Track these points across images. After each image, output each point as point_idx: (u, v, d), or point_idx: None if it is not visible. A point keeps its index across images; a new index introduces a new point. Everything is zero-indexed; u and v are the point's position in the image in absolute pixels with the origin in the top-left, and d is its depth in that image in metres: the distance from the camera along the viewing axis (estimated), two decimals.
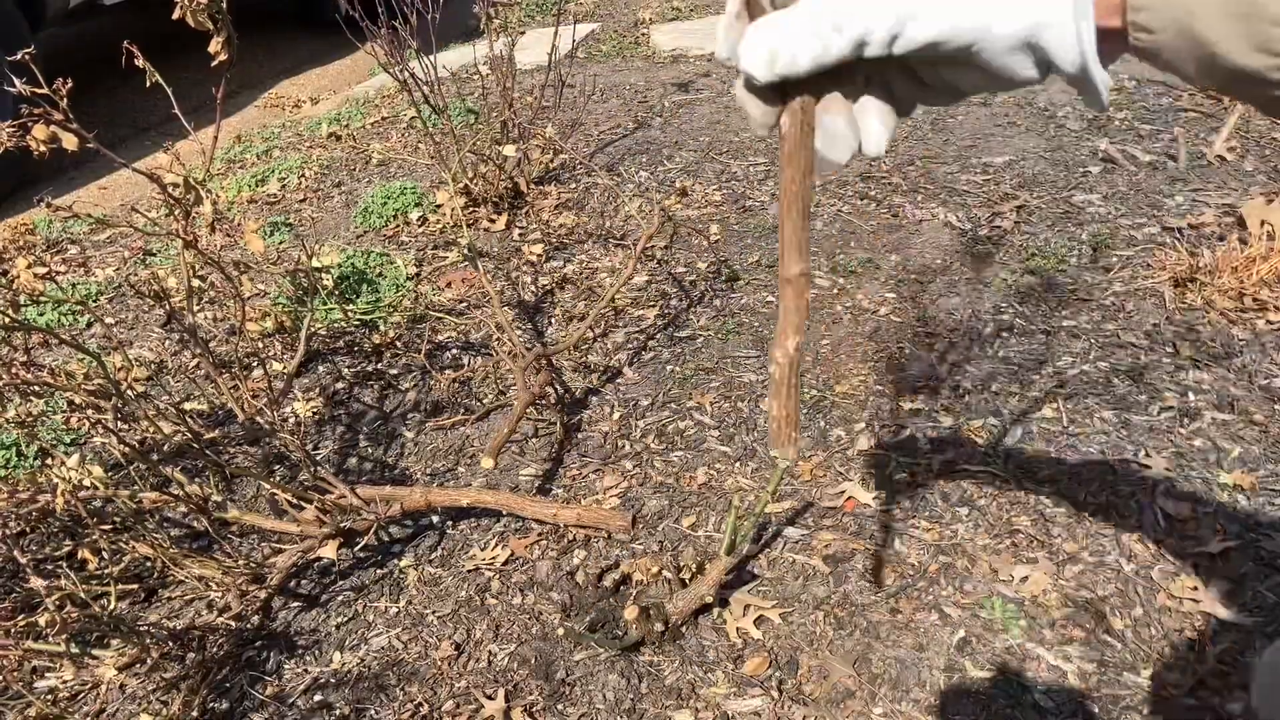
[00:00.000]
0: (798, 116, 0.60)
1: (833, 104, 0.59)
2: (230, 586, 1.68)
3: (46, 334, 1.52)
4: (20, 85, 1.36)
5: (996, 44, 0.54)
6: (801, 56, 0.55)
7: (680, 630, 1.63)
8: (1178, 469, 1.85)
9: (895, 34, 0.53)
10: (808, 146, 0.60)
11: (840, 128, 0.59)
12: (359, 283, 2.74)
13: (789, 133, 0.60)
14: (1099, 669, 1.51)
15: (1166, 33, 0.51)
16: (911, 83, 0.60)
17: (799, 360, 0.72)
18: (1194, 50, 0.51)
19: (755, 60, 0.56)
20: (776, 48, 0.55)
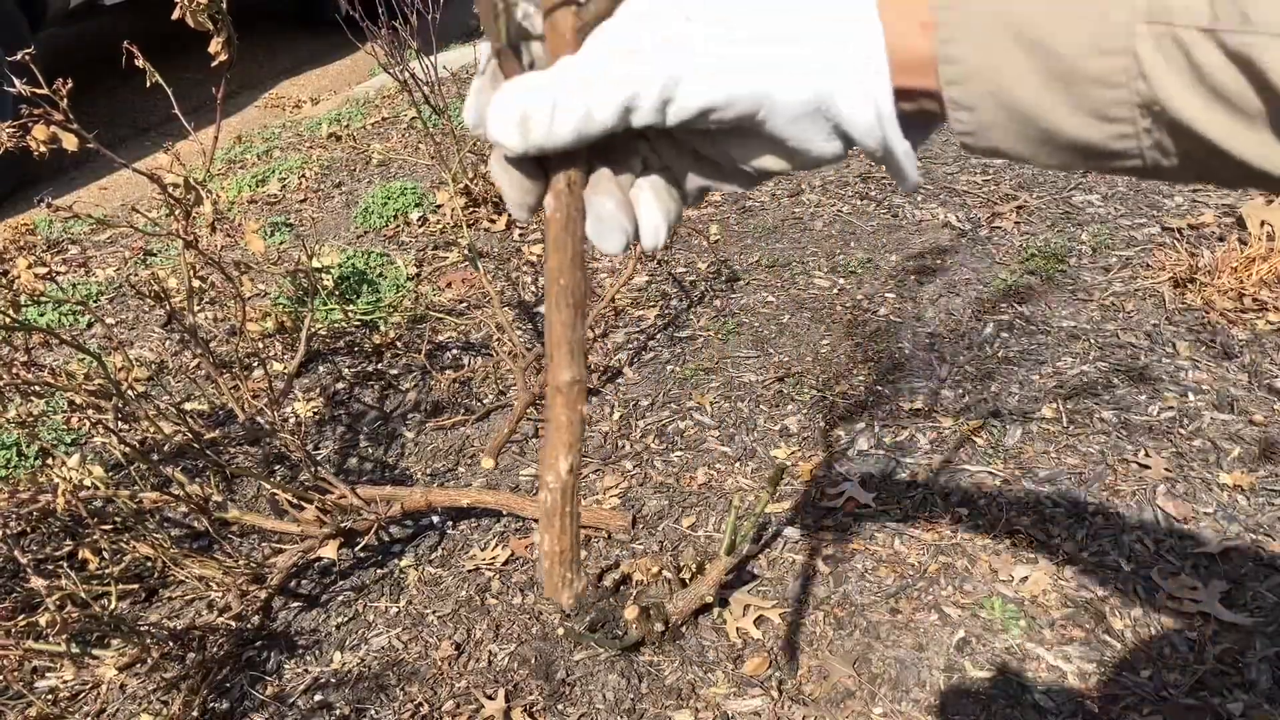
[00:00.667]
0: (564, 198, 0.50)
1: (602, 183, 0.51)
2: (231, 586, 1.68)
3: (47, 334, 1.52)
4: (20, 85, 1.36)
5: (783, 112, 0.47)
6: (561, 124, 0.46)
7: (680, 630, 1.63)
8: (1177, 469, 1.85)
9: (666, 99, 0.46)
10: (576, 232, 0.51)
11: (610, 211, 0.50)
12: (359, 283, 2.74)
13: (554, 216, 0.51)
14: (1099, 669, 1.51)
15: (986, 109, 0.45)
16: (697, 162, 0.53)
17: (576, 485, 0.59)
18: (1023, 126, 0.45)
19: (506, 127, 0.47)
20: (532, 113, 0.46)
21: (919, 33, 0.45)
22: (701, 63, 0.45)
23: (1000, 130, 0.45)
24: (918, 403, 2.12)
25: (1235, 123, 0.40)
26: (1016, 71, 0.43)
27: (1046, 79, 0.42)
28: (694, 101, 0.46)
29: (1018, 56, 0.43)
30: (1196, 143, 0.42)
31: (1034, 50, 0.42)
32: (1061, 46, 0.41)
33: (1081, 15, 0.41)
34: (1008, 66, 0.43)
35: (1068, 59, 0.42)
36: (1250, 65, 0.38)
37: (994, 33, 0.43)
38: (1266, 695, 1.45)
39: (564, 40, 0.47)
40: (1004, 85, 0.43)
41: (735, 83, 0.46)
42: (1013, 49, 0.43)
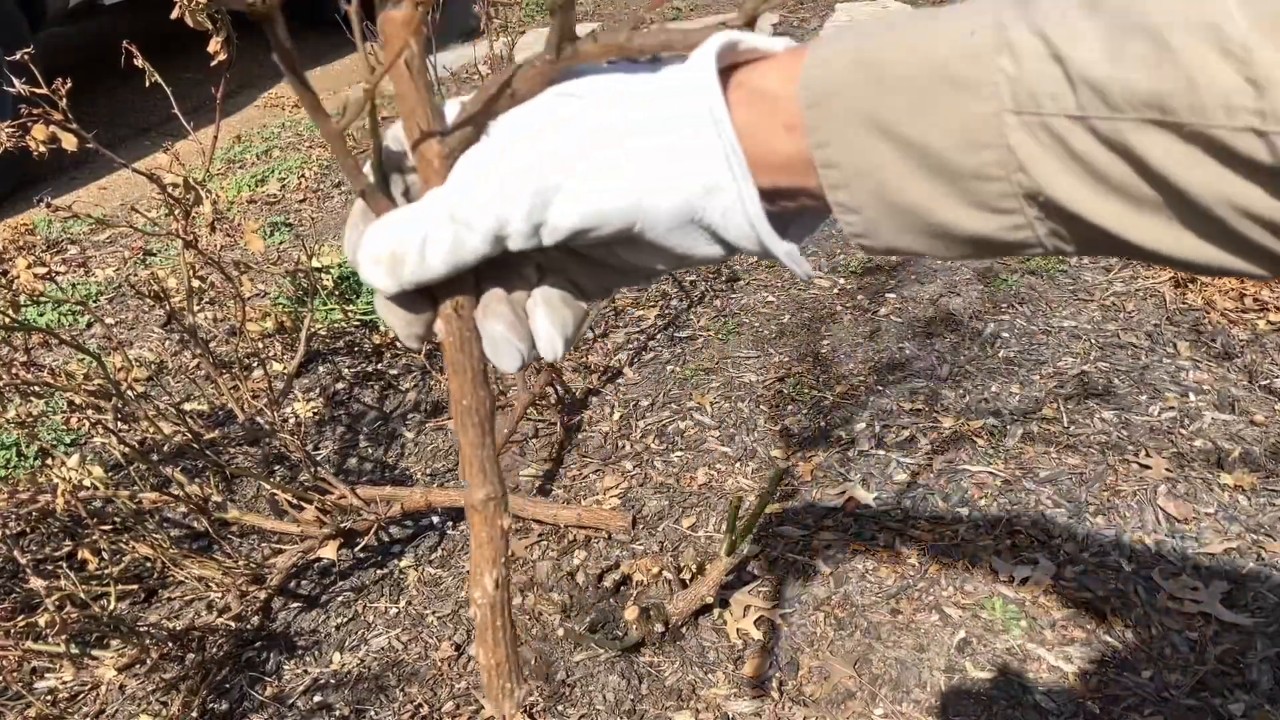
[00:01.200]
0: (453, 323, 0.49)
1: (492, 305, 0.49)
2: (230, 587, 1.68)
3: (47, 334, 1.52)
4: (20, 85, 1.35)
5: (658, 225, 0.45)
6: (432, 257, 0.45)
7: (680, 631, 1.63)
8: (1178, 469, 1.85)
9: (537, 223, 0.45)
10: (473, 354, 0.50)
11: (500, 334, 0.49)
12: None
13: (447, 341, 0.50)
14: (1100, 669, 1.51)
15: (873, 209, 0.43)
16: (591, 268, 0.51)
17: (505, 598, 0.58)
18: (914, 224, 0.43)
19: (375, 268, 0.46)
20: (400, 250, 0.45)
21: (785, 135, 0.43)
22: (568, 185, 0.44)
23: (893, 229, 0.44)
24: (918, 403, 2.12)
25: (1127, 208, 0.38)
26: (896, 170, 0.41)
27: (927, 175, 0.41)
28: (566, 222, 0.45)
29: (893, 155, 0.41)
30: (1092, 229, 0.40)
31: (908, 148, 0.41)
32: (933, 143, 0.40)
33: (946, 109, 0.39)
34: (887, 167, 0.41)
35: (942, 155, 0.40)
36: (1128, 151, 0.36)
37: (865, 132, 0.41)
38: (1268, 696, 1.44)
39: (433, 169, 0.47)
40: (887, 184, 0.42)
41: (605, 198, 0.44)
42: (889, 148, 0.41)
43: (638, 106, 0.45)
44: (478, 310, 0.49)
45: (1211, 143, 0.34)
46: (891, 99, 0.40)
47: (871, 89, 0.41)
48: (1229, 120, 0.33)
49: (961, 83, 0.38)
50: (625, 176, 0.44)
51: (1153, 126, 0.35)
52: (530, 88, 0.47)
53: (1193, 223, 0.37)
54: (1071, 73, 0.36)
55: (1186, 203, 0.37)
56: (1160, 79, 0.34)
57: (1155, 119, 0.35)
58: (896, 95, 0.40)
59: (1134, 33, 0.35)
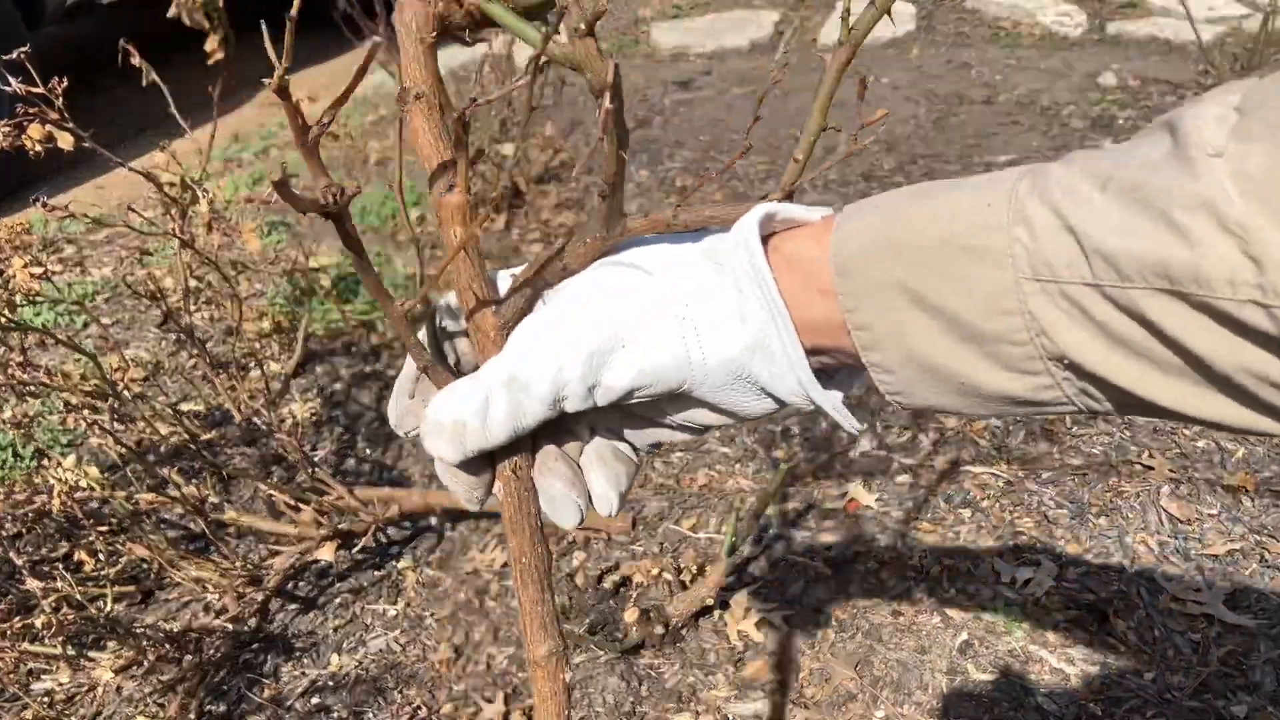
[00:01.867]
0: (511, 484, 0.52)
1: (548, 462, 0.52)
2: (227, 588, 1.67)
3: (43, 334, 1.51)
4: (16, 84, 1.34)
5: (707, 380, 0.48)
6: (494, 425, 0.48)
7: (680, 633, 1.62)
8: (1181, 470, 1.84)
9: (592, 385, 0.47)
10: (530, 512, 0.53)
11: (559, 491, 0.51)
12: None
13: (506, 501, 0.52)
14: (1102, 671, 1.50)
15: (906, 371, 0.45)
16: (642, 423, 0.54)
17: None
18: (946, 384, 0.44)
19: (440, 441, 0.48)
20: (463, 419, 0.48)
21: (820, 299, 0.45)
22: (621, 349, 0.47)
23: (926, 388, 0.46)
24: None
25: (1150, 371, 0.39)
26: (926, 335, 0.43)
27: (955, 339, 0.42)
28: (620, 383, 0.47)
29: (922, 321, 0.43)
30: (1120, 391, 0.41)
31: (935, 314, 0.42)
32: (958, 310, 0.42)
33: (967, 277, 0.41)
34: (916, 331, 0.43)
35: (968, 321, 0.42)
36: (1143, 318, 0.38)
37: (894, 299, 0.43)
38: (1270, 697, 1.44)
39: (488, 339, 0.49)
40: (917, 348, 0.44)
41: (657, 357, 0.47)
42: (916, 314, 0.43)
43: (686, 275, 0.48)
44: (535, 469, 0.52)
45: (1218, 313, 0.36)
46: (915, 268, 0.42)
47: (895, 258, 0.43)
48: (1232, 293, 0.35)
49: (980, 253, 0.40)
50: (675, 339, 0.47)
51: (1164, 295, 0.37)
52: (581, 262, 0.50)
53: (1215, 386, 0.38)
54: (1084, 244, 0.38)
55: (1204, 367, 0.38)
56: (1166, 251, 0.36)
57: (1165, 288, 0.36)
58: (921, 263, 0.42)
59: (1140, 207, 0.37)
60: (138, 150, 4.10)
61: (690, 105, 3.94)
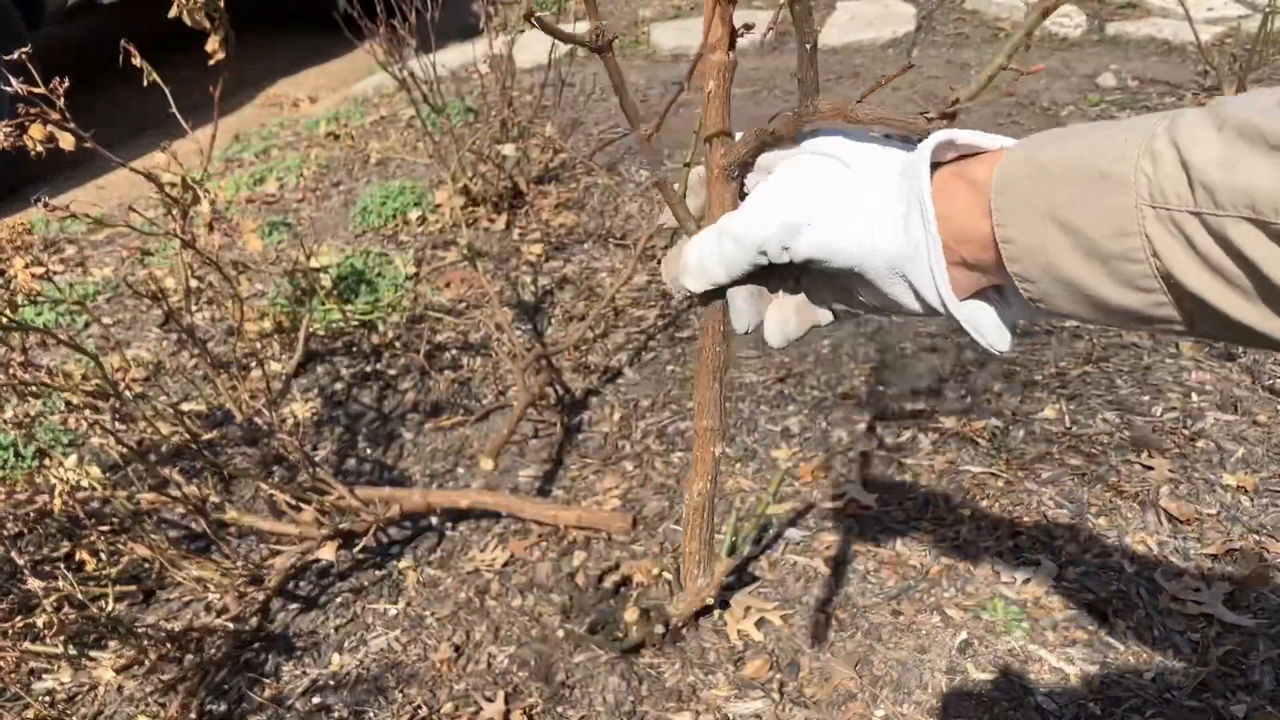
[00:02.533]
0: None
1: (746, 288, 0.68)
2: (228, 588, 1.67)
3: (44, 334, 1.51)
4: (17, 84, 1.35)
5: (875, 268, 0.59)
6: (716, 267, 0.66)
7: (681, 632, 1.62)
8: (1181, 470, 1.85)
9: (785, 245, 0.61)
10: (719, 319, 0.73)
11: (739, 303, 0.68)
12: (358, 283, 2.73)
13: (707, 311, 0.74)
14: (1101, 671, 1.50)
15: (1043, 281, 0.52)
16: (832, 292, 0.68)
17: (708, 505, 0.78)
18: (1076, 295, 0.51)
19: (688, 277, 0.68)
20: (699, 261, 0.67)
21: (982, 219, 0.53)
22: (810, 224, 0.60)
23: (1060, 298, 0.52)
24: (919, 403, 2.11)
25: (1236, 296, 0.44)
26: (1059, 249, 0.50)
27: (1084, 255, 0.49)
28: (804, 251, 0.61)
29: (1058, 236, 0.50)
30: (1214, 312, 0.46)
31: (1069, 231, 0.49)
32: (1088, 227, 0.48)
33: (1100, 198, 0.47)
34: (1052, 245, 0.50)
35: (1094, 238, 0.48)
36: (1229, 243, 0.43)
37: (1037, 216, 0.50)
38: (1270, 697, 1.44)
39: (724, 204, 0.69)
40: (1052, 261, 0.50)
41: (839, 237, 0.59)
42: (1054, 230, 0.50)
43: (869, 177, 0.59)
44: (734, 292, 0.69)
45: None
46: (1059, 188, 0.49)
47: (1045, 180, 0.50)
48: None
49: (1112, 179, 0.47)
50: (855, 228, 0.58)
51: (1246, 223, 0.42)
52: (787, 129, 0.64)
53: None
54: (1192, 175, 0.43)
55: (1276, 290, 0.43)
56: (1254, 180, 0.41)
57: (1249, 216, 0.42)
58: (1063, 186, 0.49)
59: (1244, 143, 0.42)
60: (138, 150, 4.10)
61: (690, 106, 3.94)
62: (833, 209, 0.59)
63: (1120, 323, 0.52)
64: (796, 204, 0.60)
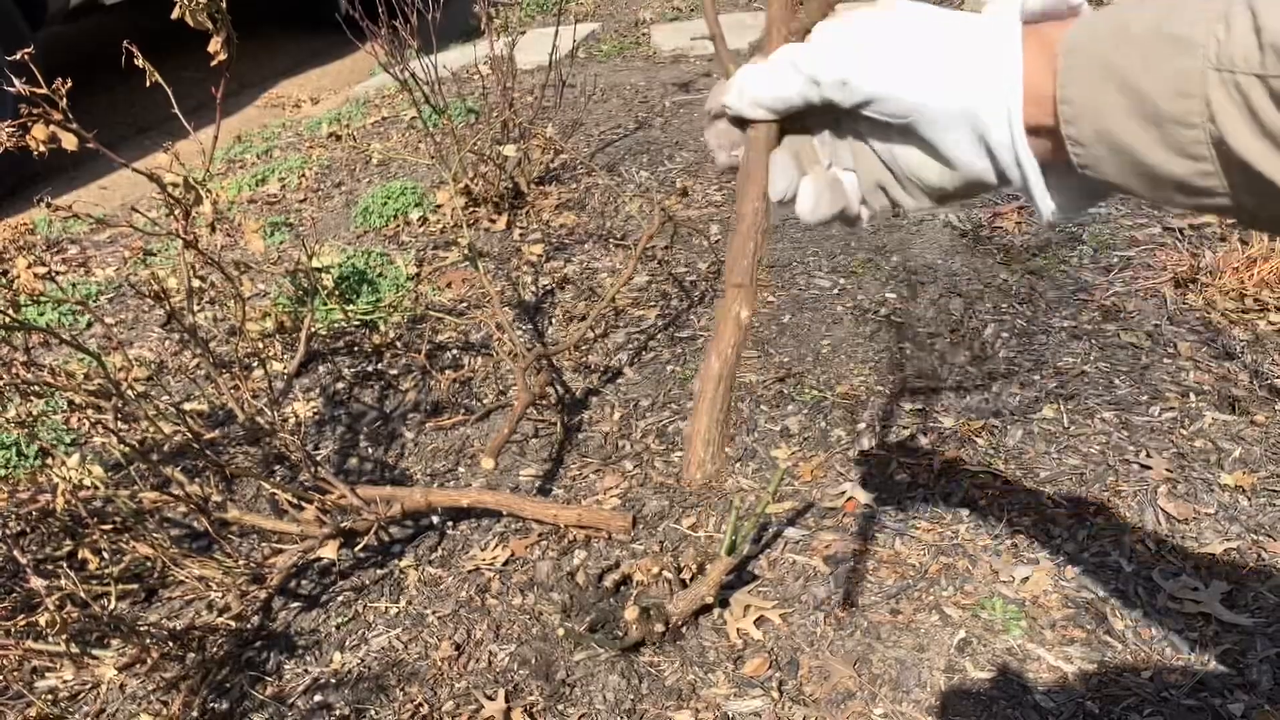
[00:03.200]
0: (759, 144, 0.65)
1: (790, 147, 0.65)
2: (230, 587, 1.68)
3: (47, 334, 1.52)
4: (20, 85, 1.35)
5: (937, 118, 0.56)
6: (762, 90, 0.61)
7: (681, 631, 1.63)
8: (1179, 469, 1.85)
9: (844, 80, 0.57)
10: (760, 173, 0.65)
11: (779, 166, 0.65)
12: (359, 283, 2.73)
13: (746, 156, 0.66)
14: (1100, 669, 1.51)
15: (1095, 144, 0.51)
16: (878, 162, 0.64)
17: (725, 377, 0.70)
18: (1125, 160, 0.51)
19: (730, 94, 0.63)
20: (744, 84, 0.62)
21: (1049, 76, 0.52)
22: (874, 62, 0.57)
23: (1108, 164, 0.52)
24: (918, 403, 2.12)
25: None
26: (1115, 111, 0.49)
27: (1139, 119, 0.49)
28: (865, 87, 0.57)
29: (1117, 98, 0.49)
30: (1260, 182, 0.46)
31: (1128, 92, 0.48)
32: (1149, 89, 0.48)
33: (1166, 60, 0.47)
34: (1109, 107, 0.49)
35: (1154, 100, 0.48)
36: None
37: (1099, 77, 0.50)
38: (1268, 696, 1.44)
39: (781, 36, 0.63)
40: (1106, 124, 0.50)
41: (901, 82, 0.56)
42: (1113, 92, 0.49)
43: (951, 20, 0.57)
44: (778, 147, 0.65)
45: None
46: (1126, 49, 0.49)
47: (1114, 41, 0.50)
48: None
49: (1182, 41, 0.46)
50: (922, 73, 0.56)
51: None
52: None
53: None
54: (1264, 40, 0.43)
55: None
56: None
57: None
58: (1131, 47, 0.48)
59: None
60: (141, 151, 4.11)
61: (690, 107, 3.95)
62: (907, 41, 0.57)
63: (1164, 195, 0.51)
64: (867, 32, 0.58)
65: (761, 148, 0.64)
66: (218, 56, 1.50)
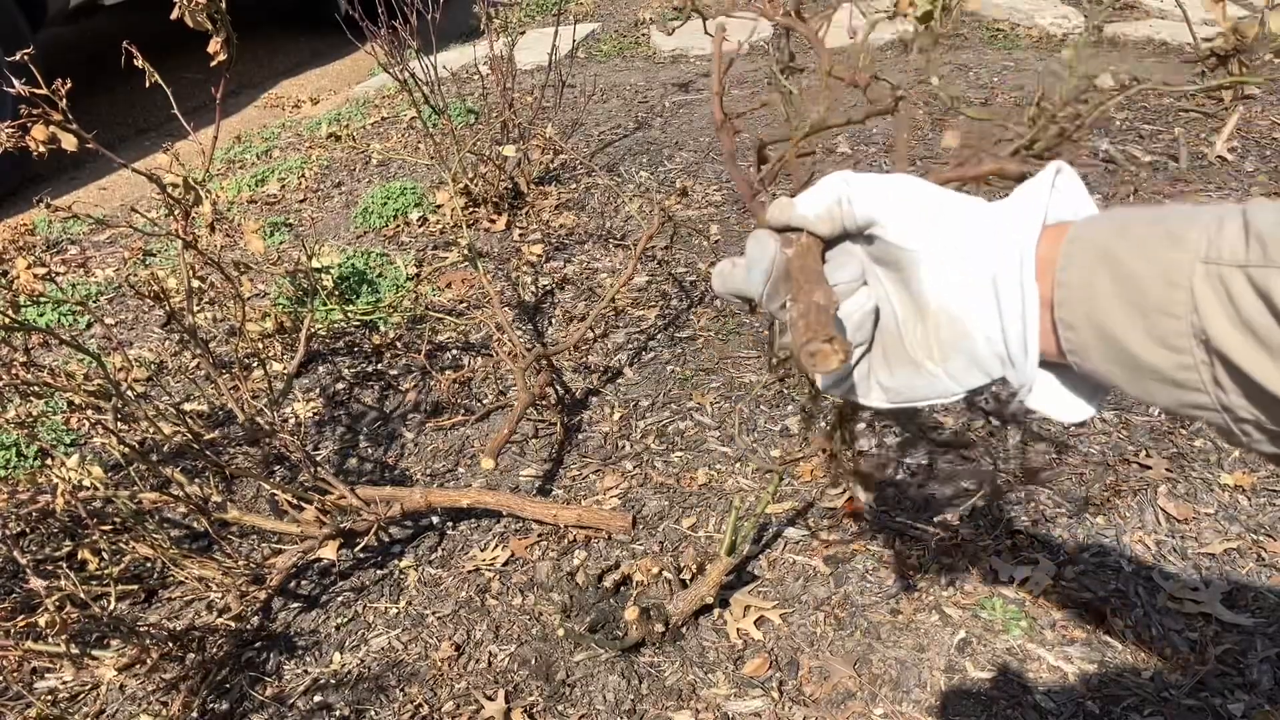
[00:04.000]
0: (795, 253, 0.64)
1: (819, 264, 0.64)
2: (230, 587, 1.67)
3: (46, 334, 1.52)
4: (20, 85, 1.35)
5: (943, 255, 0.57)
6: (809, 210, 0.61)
7: (680, 631, 1.63)
8: (1178, 469, 1.85)
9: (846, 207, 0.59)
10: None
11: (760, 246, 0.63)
12: (359, 283, 2.73)
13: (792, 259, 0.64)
14: (1100, 669, 1.51)
15: (1084, 329, 0.52)
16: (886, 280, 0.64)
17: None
18: (1110, 348, 0.51)
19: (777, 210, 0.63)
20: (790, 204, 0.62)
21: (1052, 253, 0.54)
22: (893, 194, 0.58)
23: (1095, 352, 0.52)
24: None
25: (1262, 354, 0.45)
26: (1107, 297, 0.51)
27: (1126, 306, 0.50)
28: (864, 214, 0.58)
29: (1109, 285, 0.51)
30: (1240, 377, 0.46)
31: (1121, 279, 0.50)
32: (1140, 275, 0.49)
33: (1160, 251, 0.49)
34: (1101, 293, 0.51)
35: (1143, 288, 0.49)
36: (1269, 298, 0.43)
37: (1096, 261, 0.51)
38: (1268, 695, 1.44)
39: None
40: (1096, 307, 0.51)
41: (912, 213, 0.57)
42: (1106, 278, 0.51)
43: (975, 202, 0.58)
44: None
45: None
46: (1125, 241, 0.51)
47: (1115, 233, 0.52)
48: None
49: (1178, 237, 0.48)
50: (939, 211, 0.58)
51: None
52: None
53: None
54: (1250, 233, 0.45)
55: None
56: None
57: None
58: (1130, 239, 0.51)
59: None
60: (141, 151, 4.11)
61: (690, 107, 3.95)
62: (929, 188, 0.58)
63: (1144, 388, 0.52)
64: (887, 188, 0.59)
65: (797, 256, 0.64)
66: (217, 57, 1.50)
